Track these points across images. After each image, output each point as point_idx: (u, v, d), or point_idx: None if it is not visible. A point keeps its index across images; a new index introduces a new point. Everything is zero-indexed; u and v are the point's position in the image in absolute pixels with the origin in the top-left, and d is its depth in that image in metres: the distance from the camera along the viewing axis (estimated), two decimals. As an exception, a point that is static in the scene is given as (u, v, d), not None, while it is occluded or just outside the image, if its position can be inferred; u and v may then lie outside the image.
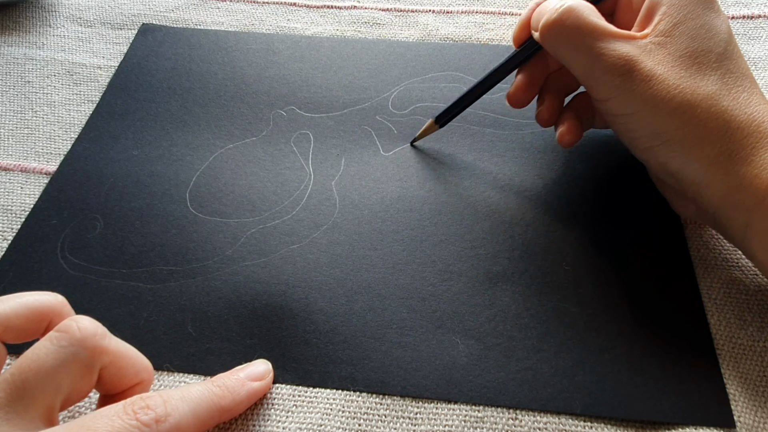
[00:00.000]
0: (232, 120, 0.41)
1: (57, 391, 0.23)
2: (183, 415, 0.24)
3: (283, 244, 0.34)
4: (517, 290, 0.32)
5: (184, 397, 0.24)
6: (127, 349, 0.26)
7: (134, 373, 0.26)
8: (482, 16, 0.49)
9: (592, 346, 0.30)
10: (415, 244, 0.34)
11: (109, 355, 0.24)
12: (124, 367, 0.25)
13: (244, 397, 0.27)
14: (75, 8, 0.50)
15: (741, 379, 0.29)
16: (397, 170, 0.38)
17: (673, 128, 0.29)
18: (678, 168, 0.30)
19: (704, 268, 0.33)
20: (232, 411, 0.27)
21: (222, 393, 0.26)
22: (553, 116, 0.35)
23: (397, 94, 0.43)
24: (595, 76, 0.30)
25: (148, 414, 0.23)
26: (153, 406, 0.23)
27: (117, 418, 0.22)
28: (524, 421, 0.28)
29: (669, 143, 0.29)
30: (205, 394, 0.25)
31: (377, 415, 0.28)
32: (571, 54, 0.31)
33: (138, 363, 0.26)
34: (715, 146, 0.28)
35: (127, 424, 0.22)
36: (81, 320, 0.24)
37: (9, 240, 0.35)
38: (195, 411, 0.24)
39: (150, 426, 0.22)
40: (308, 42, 0.47)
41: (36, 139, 0.40)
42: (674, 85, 0.29)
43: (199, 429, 0.25)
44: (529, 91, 0.35)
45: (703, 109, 0.28)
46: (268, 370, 0.29)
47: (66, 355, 0.23)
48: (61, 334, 0.23)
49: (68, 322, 0.24)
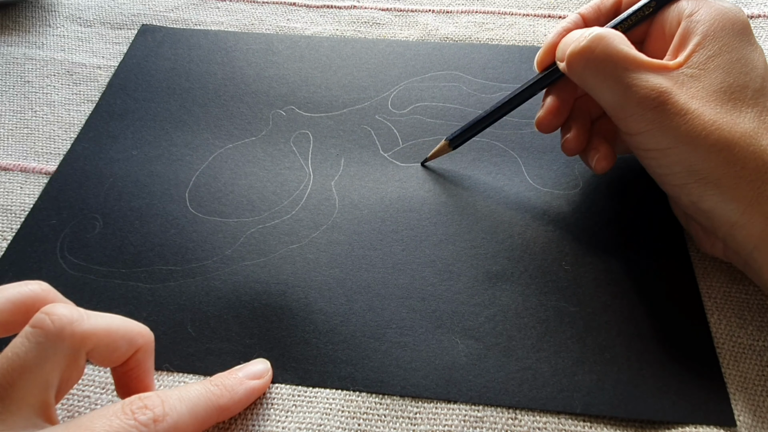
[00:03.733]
0: (232, 120, 0.41)
1: (46, 386, 0.22)
2: (181, 414, 0.24)
3: (282, 244, 0.34)
4: (516, 290, 0.32)
5: (182, 396, 0.24)
6: (110, 325, 0.24)
7: (127, 343, 0.25)
8: (482, 16, 0.49)
9: (592, 346, 0.30)
10: (415, 243, 0.34)
11: (93, 338, 0.23)
12: (113, 342, 0.24)
13: (242, 396, 0.27)
14: (75, 8, 0.50)
15: (741, 378, 0.29)
16: (397, 170, 0.38)
17: (709, 166, 0.27)
18: (711, 207, 0.28)
19: (704, 268, 0.33)
20: (230, 410, 0.27)
21: (220, 392, 0.26)
22: (581, 145, 0.34)
23: (397, 93, 0.43)
24: (625, 109, 0.29)
25: (146, 414, 0.23)
26: (151, 405, 0.23)
27: (115, 418, 0.22)
28: (524, 420, 0.28)
29: (704, 181, 0.28)
30: (203, 393, 0.25)
31: (377, 415, 0.28)
32: (600, 85, 0.30)
33: (128, 333, 0.25)
34: (754, 187, 0.27)
35: (125, 424, 0.22)
36: (54, 311, 0.23)
37: (9, 240, 0.35)
38: (193, 410, 0.24)
39: (148, 426, 0.22)
40: (307, 42, 0.46)
41: (36, 139, 0.40)
42: (710, 121, 0.27)
43: (197, 428, 0.25)
44: (559, 114, 0.34)
45: (742, 148, 0.27)
46: (266, 369, 0.29)
47: (46, 350, 0.22)
48: (35, 330, 0.22)
49: (40, 316, 0.23)
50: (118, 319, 0.25)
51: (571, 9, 0.49)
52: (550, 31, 0.35)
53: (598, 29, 0.30)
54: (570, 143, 0.34)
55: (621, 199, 0.36)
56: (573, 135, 0.34)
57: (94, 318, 0.24)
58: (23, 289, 0.25)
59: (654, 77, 0.28)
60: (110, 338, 0.24)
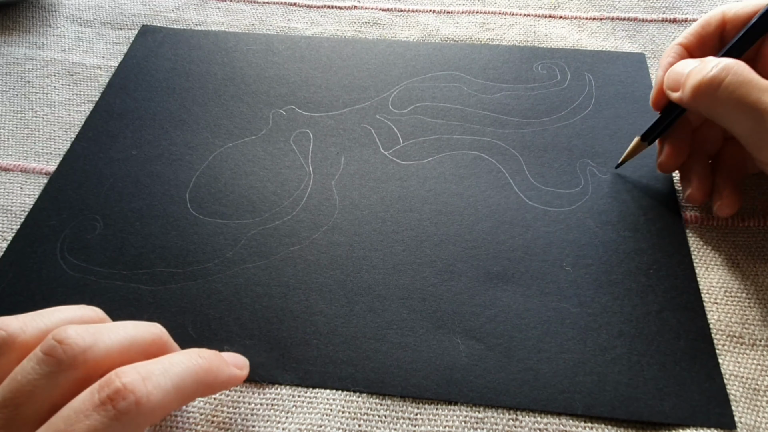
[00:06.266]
0: (231, 119, 0.41)
1: (53, 409, 0.22)
2: (166, 391, 0.22)
3: (283, 246, 0.34)
4: (517, 290, 0.32)
5: (166, 370, 0.22)
6: (123, 342, 0.23)
7: (143, 355, 0.24)
8: (482, 16, 0.49)
9: (593, 347, 0.30)
10: (416, 244, 0.34)
11: (106, 362, 0.23)
12: (129, 360, 0.23)
13: (224, 379, 0.26)
14: (75, 8, 0.50)
15: (741, 379, 0.29)
16: (397, 169, 0.38)
17: None
18: None
19: (704, 268, 0.33)
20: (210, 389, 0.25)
21: (208, 365, 0.24)
22: (706, 194, 0.34)
23: (397, 93, 0.43)
24: (763, 136, 0.29)
25: (127, 398, 0.21)
26: (131, 386, 0.21)
27: (94, 413, 0.20)
28: (525, 421, 0.28)
29: None
30: (190, 366, 0.23)
31: (377, 416, 0.28)
32: (734, 112, 0.29)
33: (143, 344, 0.24)
34: None
35: (106, 420, 0.20)
36: (66, 339, 0.22)
37: (9, 240, 0.35)
38: (179, 385, 0.23)
39: (129, 412, 0.20)
40: (308, 42, 0.46)
41: (36, 139, 0.40)
42: None
43: (181, 404, 0.23)
44: (680, 155, 0.34)
45: None
46: (246, 363, 0.28)
47: (57, 378, 0.22)
48: (48, 358, 0.22)
49: (51, 343, 0.22)
50: (131, 329, 0.24)
51: (572, 9, 0.49)
52: (658, 71, 0.35)
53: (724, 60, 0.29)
54: (694, 196, 0.34)
55: (622, 200, 0.36)
56: (696, 189, 0.34)
57: (108, 338, 0.23)
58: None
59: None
60: (125, 357, 0.23)
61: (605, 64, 0.44)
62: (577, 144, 0.39)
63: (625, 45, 0.46)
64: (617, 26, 0.48)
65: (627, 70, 0.44)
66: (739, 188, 0.34)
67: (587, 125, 0.40)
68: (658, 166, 0.35)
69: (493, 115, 0.41)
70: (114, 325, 0.24)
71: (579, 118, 0.41)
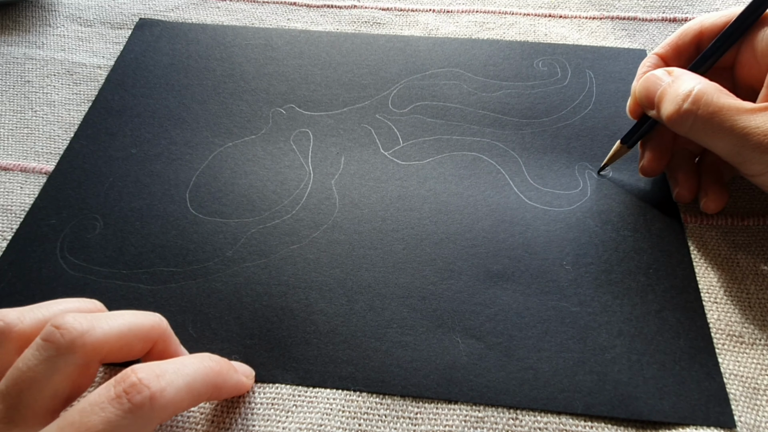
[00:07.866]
0: (231, 118, 0.41)
1: (55, 396, 0.22)
2: (179, 389, 0.22)
3: (283, 245, 0.34)
4: (517, 289, 0.32)
5: (179, 370, 0.23)
6: (122, 328, 0.24)
7: (142, 342, 0.25)
8: (482, 16, 0.49)
9: (593, 346, 0.30)
10: (415, 243, 0.34)
11: (105, 347, 0.23)
12: (127, 345, 0.24)
13: (233, 384, 0.26)
14: (75, 8, 0.50)
15: (741, 378, 0.29)
16: (397, 169, 0.38)
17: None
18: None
19: (704, 267, 0.33)
20: (220, 391, 0.26)
21: (219, 368, 0.25)
22: (694, 192, 0.35)
23: (397, 92, 0.43)
24: (742, 155, 0.29)
25: (142, 392, 0.21)
26: (146, 381, 0.21)
27: (109, 406, 0.21)
28: (525, 420, 0.28)
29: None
30: (201, 368, 0.24)
31: (377, 415, 0.28)
32: (712, 137, 0.30)
33: (141, 331, 0.24)
34: None
35: (121, 412, 0.21)
36: (64, 324, 0.23)
37: (8, 240, 0.35)
38: (191, 384, 0.23)
39: (144, 406, 0.21)
40: (307, 37, 0.46)
41: (36, 138, 0.40)
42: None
43: (192, 404, 0.24)
44: (661, 159, 0.35)
45: None
46: (253, 373, 0.29)
47: (56, 363, 0.22)
48: (46, 344, 0.22)
49: (50, 329, 0.22)
50: (129, 316, 0.25)
51: (571, 8, 0.49)
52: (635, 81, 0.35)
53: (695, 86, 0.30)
54: (683, 195, 0.35)
55: (621, 199, 0.36)
56: (683, 188, 0.35)
57: (105, 323, 0.23)
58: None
59: (763, 118, 0.28)
60: (123, 342, 0.24)
61: (606, 61, 0.44)
62: (576, 146, 0.39)
63: (625, 44, 0.46)
64: (617, 25, 0.48)
65: (628, 66, 0.44)
66: (724, 184, 0.34)
67: (587, 125, 0.40)
68: (640, 170, 0.36)
69: (493, 114, 0.41)
70: (113, 313, 0.25)
71: (579, 117, 0.40)
